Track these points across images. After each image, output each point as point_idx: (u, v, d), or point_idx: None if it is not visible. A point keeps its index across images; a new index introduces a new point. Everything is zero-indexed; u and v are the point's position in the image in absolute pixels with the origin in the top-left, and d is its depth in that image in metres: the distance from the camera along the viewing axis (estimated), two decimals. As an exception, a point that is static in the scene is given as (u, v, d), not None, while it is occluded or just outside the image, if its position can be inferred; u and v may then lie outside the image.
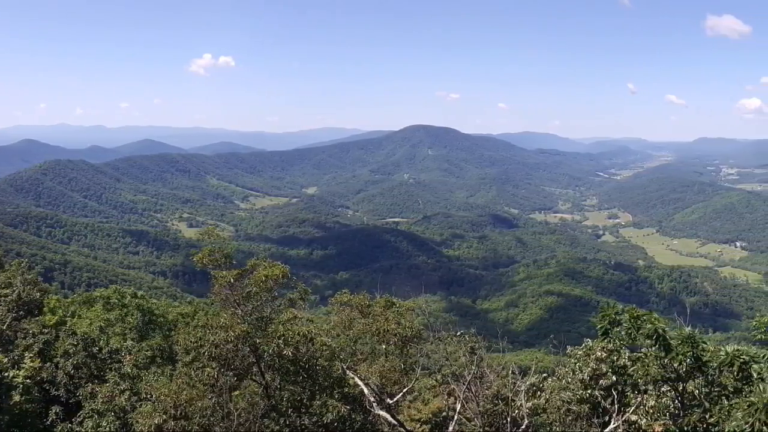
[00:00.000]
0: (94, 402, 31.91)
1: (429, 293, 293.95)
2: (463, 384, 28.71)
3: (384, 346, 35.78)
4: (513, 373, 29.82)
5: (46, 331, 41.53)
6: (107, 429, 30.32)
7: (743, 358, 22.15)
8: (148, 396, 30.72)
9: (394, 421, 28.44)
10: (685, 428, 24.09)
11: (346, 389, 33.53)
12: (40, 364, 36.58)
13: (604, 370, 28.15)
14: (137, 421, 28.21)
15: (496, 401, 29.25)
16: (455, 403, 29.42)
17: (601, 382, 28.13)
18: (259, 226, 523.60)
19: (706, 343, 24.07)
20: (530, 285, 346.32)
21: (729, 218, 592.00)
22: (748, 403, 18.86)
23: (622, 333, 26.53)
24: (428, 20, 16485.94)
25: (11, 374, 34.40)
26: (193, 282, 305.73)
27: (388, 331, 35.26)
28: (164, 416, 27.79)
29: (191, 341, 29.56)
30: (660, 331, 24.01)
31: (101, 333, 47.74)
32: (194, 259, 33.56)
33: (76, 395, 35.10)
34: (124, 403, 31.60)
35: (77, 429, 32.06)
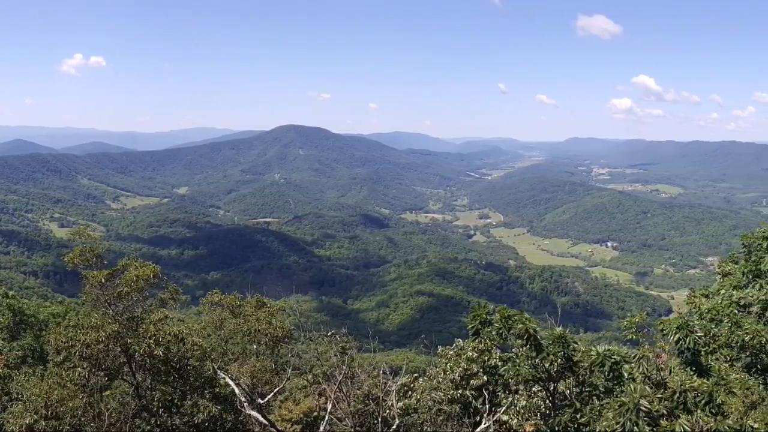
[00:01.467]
0: (-36, 402, 31.63)
1: (300, 293, 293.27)
2: (334, 384, 28.92)
3: (255, 346, 36.35)
4: (384, 373, 29.94)
5: None
6: (-23, 429, 30.08)
7: (614, 359, 22.77)
8: (19, 396, 30.40)
9: (265, 421, 28.82)
10: (556, 428, 24.29)
11: (218, 389, 33.65)
12: None
13: (475, 370, 28.59)
14: (8, 421, 27.91)
15: (367, 401, 29.35)
16: (326, 403, 29.53)
17: (472, 382, 28.57)
18: (130, 226, 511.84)
19: (577, 343, 24.42)
20: (401, 285, 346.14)
21: (600, 218, 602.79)
22: (619, 403, 19.65)
23: (493, 333, 27.14)
24: (298, 19, 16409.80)
25: None
26: (65, 282, 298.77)
27: (259, 331, 35.89)
28: (35, 416, 27.54)
29: (62, 341, 29.33)
30: (531, 331, 24.24)
31: (-28, 334, 47.10)
32: (65, 259, 33.42)
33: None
34: (-6, 403, 31.36)
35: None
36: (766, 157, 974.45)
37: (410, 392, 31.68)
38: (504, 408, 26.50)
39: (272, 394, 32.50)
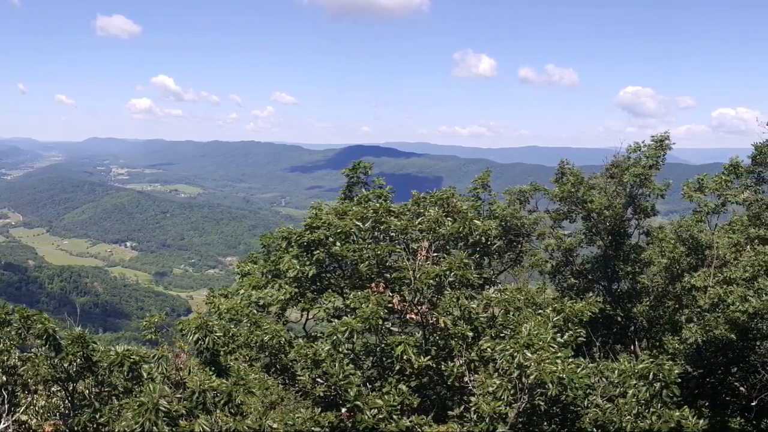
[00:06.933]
0: None
1: None
2: None
3: None
4: None
5: None
6: None
7: (133, 358, 22.20)
8: None
9: None
10: (76, 428, 23.29)
11: None
12: None
13: (-3, 371, 27.84)
14: None
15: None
16: None
17: (-2, 383, 27.93)
18: None
19: (96, 343, 23.63)
20: None
21: (119, 218, 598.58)
22: (138, 403, 19.42)
23: (13, 333, 25.52)
24: None
25: None
26: None
27: None
28: None
29: None
30: (50, 331, 23.19)
31: None
32: None
33: None
34: None
35: None
36: (283, 157, 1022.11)
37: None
38: (23, 408, 25.37)
39: None
